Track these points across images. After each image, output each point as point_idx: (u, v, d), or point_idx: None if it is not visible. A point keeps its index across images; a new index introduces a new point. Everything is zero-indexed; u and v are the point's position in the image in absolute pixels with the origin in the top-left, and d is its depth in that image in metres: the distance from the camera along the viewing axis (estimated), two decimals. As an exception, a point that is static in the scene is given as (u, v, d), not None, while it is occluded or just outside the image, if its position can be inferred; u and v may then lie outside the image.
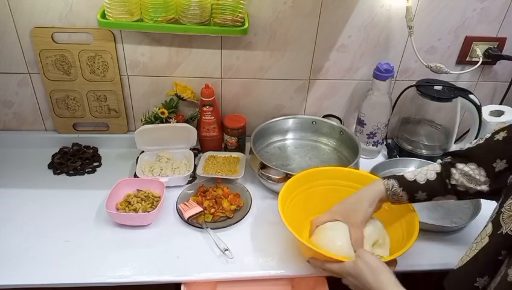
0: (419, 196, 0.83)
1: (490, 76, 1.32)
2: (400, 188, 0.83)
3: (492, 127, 1.21)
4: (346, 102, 1.34)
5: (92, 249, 0.94)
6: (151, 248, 0.96)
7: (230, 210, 1.05)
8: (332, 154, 1.28)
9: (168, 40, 1.15)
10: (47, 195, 1.09)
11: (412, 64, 1.27)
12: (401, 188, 0.83)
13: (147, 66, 1.20)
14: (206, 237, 0.98)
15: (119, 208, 1.03)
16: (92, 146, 1.28)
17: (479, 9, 1.18)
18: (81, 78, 1.18)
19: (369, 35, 1.20)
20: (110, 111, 1.25)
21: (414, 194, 0.83)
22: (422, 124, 1.30)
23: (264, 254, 0.95)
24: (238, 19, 1.05)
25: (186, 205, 1.05)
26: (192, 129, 1.19)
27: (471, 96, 1.18)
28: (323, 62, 1.24)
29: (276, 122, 1.29)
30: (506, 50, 1.26)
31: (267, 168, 1.08)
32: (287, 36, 1.18)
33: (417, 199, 0.84)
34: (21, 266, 0.89)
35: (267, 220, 1.05)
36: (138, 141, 1.18)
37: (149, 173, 1.15)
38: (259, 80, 1.25)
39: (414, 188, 0.83)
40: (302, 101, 1.32)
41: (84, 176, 1.18)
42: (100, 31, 1.11)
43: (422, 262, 0.95)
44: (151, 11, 1.01)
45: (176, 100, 1.21)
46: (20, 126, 1.28)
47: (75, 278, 0.87)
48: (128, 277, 0.88)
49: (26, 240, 0.95)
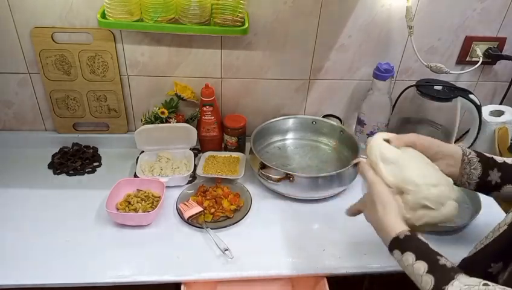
0: (492, 176, 0.77)
1: (490, 76, 1.32)
2: (476, 158, 0.78)
3: (493, 127, 1.21)
4: (346, 102, 1.34)
5: (92, 249, 0.94)
6: (151, 248, 0.96)
7: (230, 210, 1.05)
8: (332, 154, 1.28)
9: (168, 40, 1.15)
10: (47, 195, 1.09)
11: (412, 64, 1.27)
12: (478, 158, 0.78)
13: (146, 66, 1.20)
14: (206, 237, 0.98)
15: (119, 208, 1.03)
16: (92, 146, 1.28)
17: (479, 9, 1.18)
18: (81, 78, 1.18)
19: (369, 35, 1.20)
20: (110, 111, 1.25)
21: (488, 171, 0.77)
22: (422, 124, 1.30)
23: (264, 254, 0.95)
24: (238, 19, 1.05)
25: (186, 205, 1.05)
26: (192, 129, 1.19)
27: (471, 96, 1.18)
28: (323, 62, 1.24)
29: (276, 122, 1.29)
30: (506, 50, 1.26)
31: (267, 168, 1.08)
32: (287, 36, 1.18)
33: (489, 179, 0.77)
34: (21, 266, 0.89)
35: (267, 220, 1.05)
36: (138, 141, 1.18)
37: (149, 173, 1.15)
38: (259, 79, 1.25)
39: (491, 164, 0.77)
40: (302, 101, 1.32)
41: (84, 176, 1.18)
42: (100, 31, 1.11)
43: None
44: (151, 11, 1.01)
45: (176, 100, 1.21)
46: (20, 126, 1.28)
47: (75, 278, 0.87)
48: (128, 277, 0.88)
49: (26, 240, 0.95)
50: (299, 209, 1.09)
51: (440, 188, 0.71)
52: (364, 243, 0.99)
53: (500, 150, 1.19)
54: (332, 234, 1.02)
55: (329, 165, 1.23)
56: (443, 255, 0.62)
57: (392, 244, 0.66)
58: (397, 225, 0.66)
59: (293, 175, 1.05)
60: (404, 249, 0.63)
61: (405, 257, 0.63)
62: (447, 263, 0.60)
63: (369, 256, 0.96)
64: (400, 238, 0.64)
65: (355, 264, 0.94)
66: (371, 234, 1.02)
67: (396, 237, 0.65)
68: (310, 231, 1.03)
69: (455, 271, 0.59)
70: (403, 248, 0.63)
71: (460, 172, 0.78)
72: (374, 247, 0.97)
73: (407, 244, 0.63)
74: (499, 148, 1.20)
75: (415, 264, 0.61)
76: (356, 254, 0.96)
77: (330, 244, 0.99)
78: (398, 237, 0.65)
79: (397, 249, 0.64)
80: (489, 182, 0.78)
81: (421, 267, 0.60)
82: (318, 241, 0.99)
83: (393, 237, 0.66)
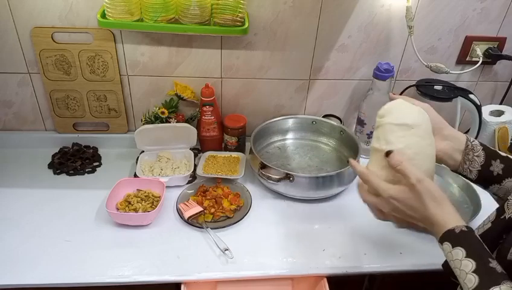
0: (494, 166, 0.75)
1: (490, 76, 1.32)
2: (480, 146, 0.76)
3: (493, 127, 1.21)
4: (346, 102, 1.34)
5: (92, 249, 0.94)
6: (151, 247, 0.96)
7: (230, 210, 1.05)
8: (332, 154, 1.28)
9: (168, 40, 1.15)
10: (47, 195, 1.09)
11: (412, 64, 1.27)
12: (481, 147, 0.76)
13: (147, 66, 1.20)
14: (206, 236, 0.98)
15: (119, 207, 1.03)
16: (92, 146, 1.28)
17: (479, 9, 1.18)
18: (81, 78, 1.18)
19: (369, 35, 1.20)
20: (110, 111, 1.25)
21: (491, 161, 0.76)
22: (422, 124, 1.30)
23: (264, 254, 0.95)
24: (238, 19, 1.05)
25: (186, 205, 1.05)
26: (192, 129, 1.19)
27: (471, 96, 1.18)
28: (323, 62, 1.24)
29: (276, 122, 1.29)
30: (506, 50, 1.26)
31: (267, 168, 1.08)
32: (287, 36, 1.18)
33: (491, 169, 0.76)
34: (21, 266, 0.89)
35: (267, 220, 1.05)
36: (138, 141, 1.18)
37: (149, 173, 1.15)
38: (259, 79, 1.25)
39: (494, 155, 0.76)
40: (302, 101, 1.32)
41: (84, 176, 1.18)
42: (100, 31, 1.11)
43: (423, 262, 0.95)
44: (151, 11, 1.01)
45: (176, 100, 1.21)
46: (20, 126, 1.28)
47: (75, 278, 0.87)
48: (128, 277, 0.88)
49: (26, 240, 0.95)
50: (299, 209, 1.09)
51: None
52: (364, 243, 0.99)
53: (500, 150, 1.19)
54: (332, 234, 1.02)
55: (329, 165, 1.23)
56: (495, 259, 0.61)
57: (444, 236, 0.64)
58: (454, 218, 0.65)
59: (293, 175, 1.05)
60: (456, 244, 0.62)
61: (455, 251, 0.62)
62: (498, 267, 0.59)
63: (369, 256, 0.96)
64: (456, 232, 0.63)
65: (355, 264, 0.94)
66: (371, 234, 1.03)
67: (451, 229, 0.63)
68: (310, 231, 1.03)
69: (503, 277, 0.57)
70: (455, 242, 0.62)
71: (462, 157, 0.77)
72: (374, 247, 0.98)
73: (461, 240, 0.62)
74: (499, 148, 1.20)
75: (464, 261, 0.60)
76: (356, 254, 0.96)
77: (330, 244, 0.99)
78: (453, 230, 0.63)
79: (449, 241, 0.63)
80: (491, 172, 0.76)
81: (469, 265, 0.59)
82: (318, 241, 0.99)
83: (447, 229, 0.64)
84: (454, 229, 0.63)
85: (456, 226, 0.63)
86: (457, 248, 0.61)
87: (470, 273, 0.58)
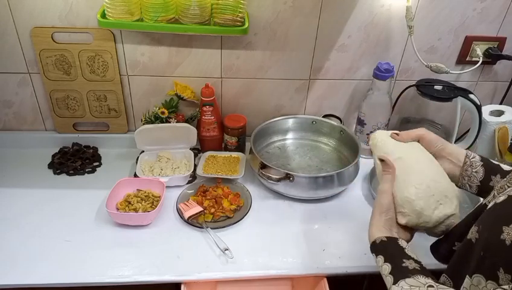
0: (494, 182, 0.75)
1: (490, 76, 1.32)
2: (480, 162, 0.77)
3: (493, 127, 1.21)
4: (346, 102, 1.34)
5: (92, 249, 0.94)
6: (151, 247, 0.96)
7: (230, 210, 1.05)
8: (332, 154, 1.28)
9: (168, 40, 1.15)
10: (47, 195, 1.09)
11: (412, 64, 1.27)
12: (481, 162, 0.77)
13: (147, 66, 1.20)
14: (206, 236, 0.98)
15: (119, 207, 1.03)
16: (92, 146, 1.28)
17: (479, 9, 1.18)
18: (81, 78, 1.18)
19: (369, 35, 1.20)
20: (110, 111, 1.26)
21: (491, 176, 0.75)
22: (422, 124, 1.30)
23: (264, 254, 0.95)
24: (238, 19, 1.05)
25: (186, 205, 1.05)
26: (192, 129, 1.19)
27: (471, 96, 1.18)
28: (323, 62, 1.24)
29: (276, 122, 1.29)
30: (506, 50, 1.26)
31: (267, 168, 1.08)
32: (287, 36, 1.18)
33: (491, 184, 0.76)
34: (21, 266, 0.89)
35: (267, 220, 1.05)
36: (138, 141, 1.18)
37: (149, 173, 1.15)
38: (259, 79, 1.25)
39: (494, 170, 0.76)
40: (302, 101, 1.32)
41: (84, 176, 1.18)
42: (100, 31, 1.11)
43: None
44: (151, 11, 1.01)
45: (176, 100, 1.21)
46: (20, 126, 1.28)
47: (75, 278, 0.87)
48: (128, 277, 0.88)
49: (26, 240, 0.95)
50: (299, 209, 1.09)
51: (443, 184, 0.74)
52: (364, 243, 0.98)
53: (500, 150, 1.19)
54: (332, 234, 1.02)
55: (330, 165, 1.23)
56: (415, 259, 0.67)
57: (371, 248, 0.73)
58: (378, 232, 0.72)
59: (293, 175, 1.05)
60: (377, 253, 0.70)
61: (377, 259, 0.70)
62: (411, 265, 0.65)
63: (369, 256, 0.95)
64: (376, 243, 0.71)
65: (355, 264, 0.94)
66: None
67: (373, 241, 0.72)
68: (310, 231, 1.03)
69: (414, 272, 0.63)
70: (377, 252, 0.70)
71: (460, 173, 0.79)
72: (374, 247, 0.98)
73: (381, 248, 0.70)
74: (499, 148, 1.20)
75: (383, 266, 0.67)
76: (356, 254, 0.96)
77: (330, 244, 0.99)
78: (375, 241, 0.71)
79: (373, 252, 0.71)
80: (491, 187, 0.76)
81: (387, 268, 0.66)
82: (318, 241, 0.99)
83: (371, 241, 0.73)
84: (376, 241, 0.71)
85: (377, 238, 0.71)
86: (379, 256, 0.69)
87: (388, 275, 0.65)
